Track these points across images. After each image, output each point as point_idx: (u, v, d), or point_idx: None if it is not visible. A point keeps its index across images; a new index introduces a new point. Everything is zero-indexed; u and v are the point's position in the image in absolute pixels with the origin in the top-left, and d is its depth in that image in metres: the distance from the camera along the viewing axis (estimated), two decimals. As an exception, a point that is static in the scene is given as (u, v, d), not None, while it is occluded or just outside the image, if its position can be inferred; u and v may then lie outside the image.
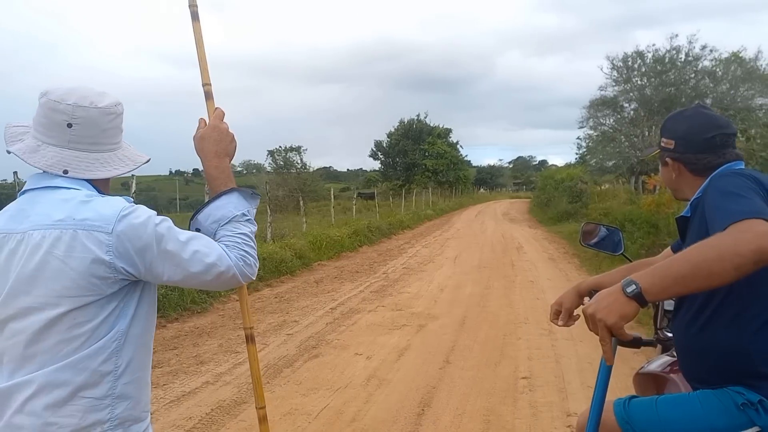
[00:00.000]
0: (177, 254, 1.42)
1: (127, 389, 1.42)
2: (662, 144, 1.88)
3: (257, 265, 1.56)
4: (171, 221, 1.47)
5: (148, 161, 1.59)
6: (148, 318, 1.50)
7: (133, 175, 9.38)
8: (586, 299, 1.58)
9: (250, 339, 1.60)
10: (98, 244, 1.35)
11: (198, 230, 1.57)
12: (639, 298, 1.42)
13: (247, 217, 1.60)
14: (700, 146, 1.81)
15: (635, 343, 2.47)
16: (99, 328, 1.37)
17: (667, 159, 1.87)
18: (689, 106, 1.96)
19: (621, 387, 4.39)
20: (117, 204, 1.41)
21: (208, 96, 1.74)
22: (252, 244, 1.57)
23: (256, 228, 1.63)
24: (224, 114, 1.72)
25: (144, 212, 1.43)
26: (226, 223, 1.56)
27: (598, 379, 1.63)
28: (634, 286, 1.42)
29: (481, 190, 79.49)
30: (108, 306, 1.39)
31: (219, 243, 1.52)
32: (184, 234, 1.47)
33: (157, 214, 1.46)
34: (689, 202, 1.82)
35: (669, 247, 2.17)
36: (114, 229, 1.37)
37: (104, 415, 1.37)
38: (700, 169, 1.82)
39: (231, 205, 1.59)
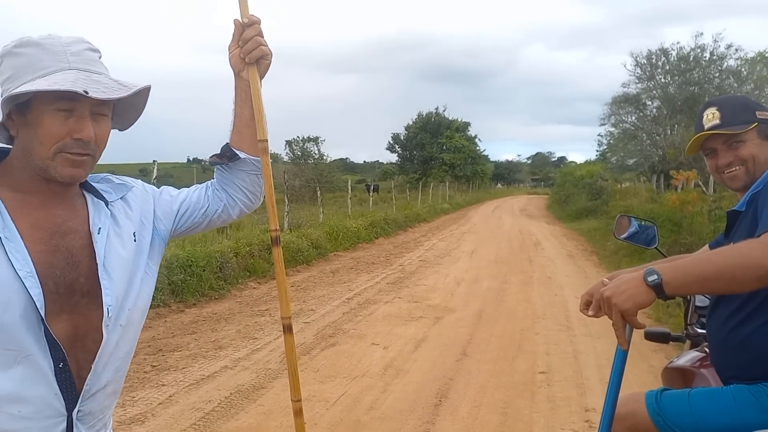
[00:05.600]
0: None
1: None
2: (763, 116, 1.81)
3: None
4: None
5: None
6: None
7: (154, 161, 9.43)
8: (605, 280, 1.56)
9: (287, 329, 1.49)
10: None
11: None
12: (658, 288, 1.41)
13: None
14: None
15: (664, 337, 2.46)
16: None
17: None
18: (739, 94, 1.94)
19: (639, 383, 4.36)
20: None
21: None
22: None
23: None
24: None
25: None
26: None
27: (614, 365, 1.62)
28: (655, 276, 1.41)
29: (499, 185, 79.18)
30: None
31: None
32: None
33: None
34: (744, 197, 1.78)
35: (707, 245, 2.13)
36: None
37: None
38: None
39: None
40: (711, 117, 1.85)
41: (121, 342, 1.29)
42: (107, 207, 1.33)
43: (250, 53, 1.46)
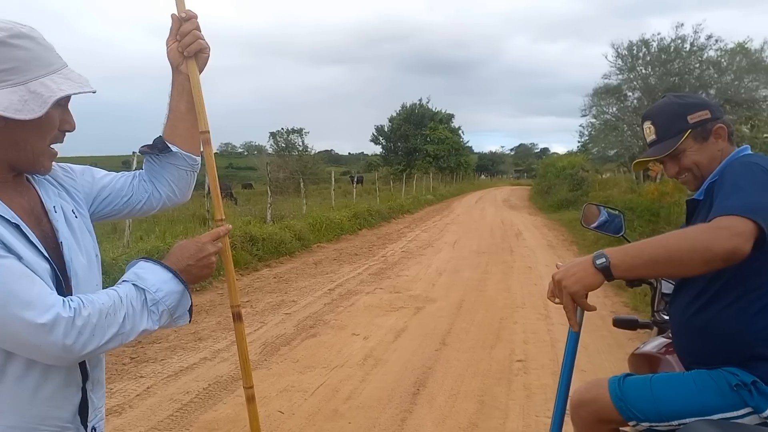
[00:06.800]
0: None
1: None
2: (695, 120, 1.82)
3: (83, 346, 1.13)
4: None
5: None
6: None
7: (134, 152, 9.28)
8: (558, 264, 1.60)
9: (237, 317, 1.53)
10: None
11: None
12: (606, 271, 1.46)
13: (150, 304, 1.25)
14: (722, 112, 1.87)
15: (632, 324, 2.50)
16: None
17: (712, 127, 1.81)
18: (669, 94, 1.97)
19: (616, 371, 4.43)
20: None
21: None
22: (110, 323, 1.17)
23: (146, 329, 1.25)
24: (224, 234, 1.47)
25: None
26: (122, 282, 1.27)
27: (566, 347, 1.66)
28: (603, 260, 1.46)
29: (482, 176, 79.45)
30: None
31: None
32: None
33: None
34: (703, 186, 1.81)
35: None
36: None
37: None
38: (731, 134, 1.84)
39: (155, 278, 1.28)
40: (648, 132, 1.92)
41: None
42: (45, 182, 1.35)
43: (188, 47, 1.49)
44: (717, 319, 1.68)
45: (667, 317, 2.35)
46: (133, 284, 1.25)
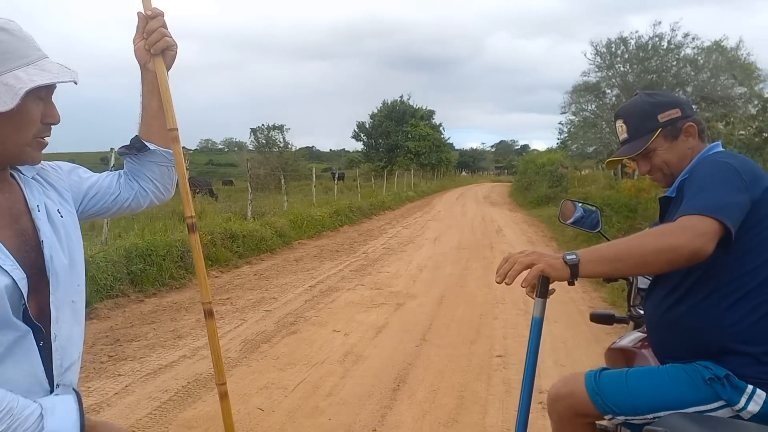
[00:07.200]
0: None
1: None
2: (666, 118, 1.84)
3: None
4: None
5: None
6: None
7: (112, 149, 9.14)
8: (511, 252, 1.65)
9: (208, 314, 1.53)
10: None
11: None
12: (574, 268, 1.51)
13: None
14: (693, 110, 1.90)
15: (608, 319, 2.54)
16: None
17: (682, 125, 1.84)
18: (641, 92, 2.00)
19: (594, 366, 4.48)
20: None
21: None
22: None
23: None
24: None
25: None
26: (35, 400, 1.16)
27: (530, 337, 1.69)
28: (574, 257, 1.52)
29: (463, 173, 79.77)
30: None
31: None
32: None
33: None
34: (675, 183, 1.84)
35: (647, 228, 2.20)
36: None
37: None
38: (702, 131, 1.87)
39: (64, 420, 1.17)
40: (621, 130, 1.96)
41: (79, 317, 1.33)
42: (32, 180, 1.33)
43: (155, 44, 1.49)
44: (690, 314, 1.71)
45: (642, 312, 2.38)
46: (42, 412, 1.15)
